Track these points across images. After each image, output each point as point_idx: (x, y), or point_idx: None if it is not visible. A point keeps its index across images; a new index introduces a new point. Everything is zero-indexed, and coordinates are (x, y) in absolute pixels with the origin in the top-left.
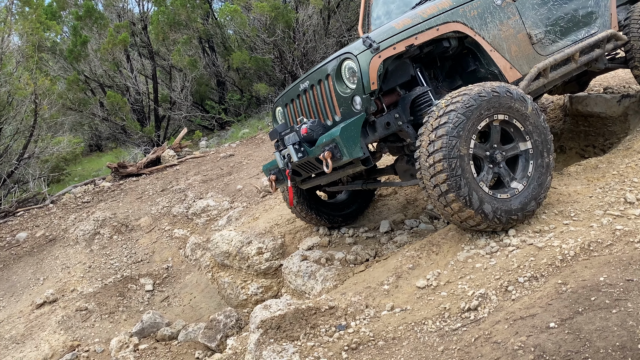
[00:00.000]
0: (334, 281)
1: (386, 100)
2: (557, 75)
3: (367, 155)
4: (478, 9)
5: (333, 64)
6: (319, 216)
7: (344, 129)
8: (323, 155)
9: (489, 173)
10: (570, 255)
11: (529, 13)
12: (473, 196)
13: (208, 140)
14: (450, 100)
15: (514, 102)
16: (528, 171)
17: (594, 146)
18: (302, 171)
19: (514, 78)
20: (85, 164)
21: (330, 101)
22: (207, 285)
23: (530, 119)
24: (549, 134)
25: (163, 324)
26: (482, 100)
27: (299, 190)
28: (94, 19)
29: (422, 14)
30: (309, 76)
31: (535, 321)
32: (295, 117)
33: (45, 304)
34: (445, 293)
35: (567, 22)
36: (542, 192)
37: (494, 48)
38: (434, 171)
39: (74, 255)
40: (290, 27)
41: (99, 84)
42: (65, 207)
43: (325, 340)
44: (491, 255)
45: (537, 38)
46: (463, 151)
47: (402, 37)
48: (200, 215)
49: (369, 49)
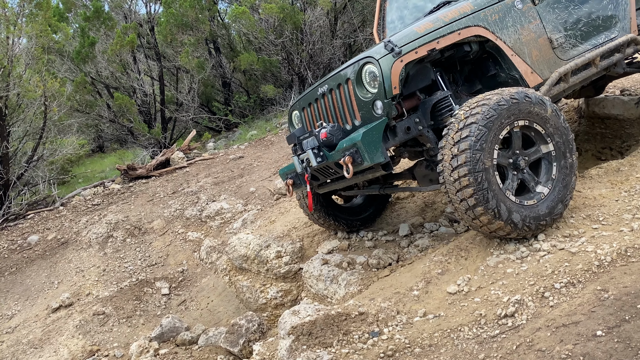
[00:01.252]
0: (358, 286)
1: (406, 104)
2: (578, 80)
3: (387, 160)
4: (499, 12)
5: (353, 68)
6: (337, 221)
7: (365, 134)
8: (344, 160)
9: (513, 180)
10: (607, 260)
11: (549, 17)
12: (501, 207)
13: (216, 142)
14: (470, 112)
15: (533, 107)
16: (552, 174)
17: (610, 148)
18: (320, 176)
19: (535, 83)
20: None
21: (350, 105)
22: (225, 288)
23: (551, 121)
24: (570, 134)
25: (182, 329)
26: (502, 109)
27: (316, 197)
28: (101, 20)
29: (443, 18)
30: (327, 80)
31: (580, 329)
32: (313, 121)
33: (61, 307)
34: (478, 299)
35: (587, 26)
36: (568, 194)
37: (515, 52)
38: (459, 185)
39: (88, 258)
40: (298, 29)
41: (105, 86)
42: (75, 209)
43: (359, 347)
44: (522, 260)
45: (557, 42)
46: (487, 163)
47: (424, 41)
48: (214, 218)
49: (390, 53)
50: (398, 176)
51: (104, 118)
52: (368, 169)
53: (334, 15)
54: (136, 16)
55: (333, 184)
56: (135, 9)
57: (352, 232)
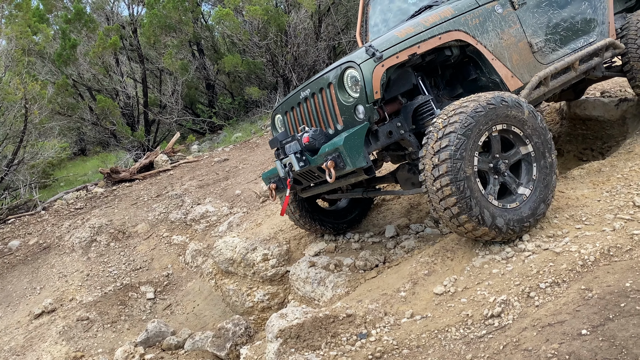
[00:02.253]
0: (345, 287)
1: (388, 108)
2: (558, 84)
3: (370, 164)
4: (480, 17)
5: (335, 72)
6: (324, 226)
7: (347, 138)
8: (326, 165)
9: (495, 184)
10: (591, 260)
11: (529, 21)
12: (485, 214)
13: (200, 145)
14: (448, 120)
15: (510, 110)
16: (533, 174)
17: (592, 149)
18: (303, 180)
19: (515, 87)
20: (70, 168)
21: (332, 110)
22: (211, 292)
23: (528, 122)
24: (548, 134)
25: (168, 333)
26: (480, 116)
27: (301, 203)
28: (83, 22)
29: (424, 23)
30: (309, 84)
31: (565, 328)
32: (296, 125)
33: (43, 313)
34: (465, 299)
35: (566, 31)
36: (549, 193)
37: (496, 57)
38: (442, 195)
39: (71, 263)
40: (282, 31)
41: (88, 88)
42: (57, 213)
43: (347, 349)
44: (507, 260)
45: (537, 46)
46: (468, 171)
47: (405, 45)
48: (200, 221)
49: (372, 58)
50: (381, 179)
51: (86, 121)
52: (350, 173)
53: (318, 17)
54: (118, 18)
55: (316, 187)
56: (118, 11)
57: (339, 235)
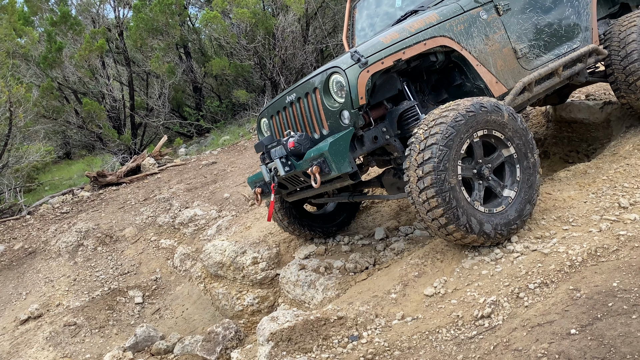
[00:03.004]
0: (336, 290)
1: (373, 114)
2: (542, 90)
3: (355, 169)
4: (465, 23)
5: (321, 77)
6: (313, 230)
7: (332, 144)
8: (311, 170)
9: (480, 190)
10: (578, 261)
11: (514, 27)
12: (472, 221)
13: (187, 148)
14: (429, 132)
15: (490, 115)
16: (516, 176)
17: (577, 152)
18: (289, 184)
19: (499, 92)
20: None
21: (318, 115)
22: (200, 296)
23: (509, 125)
24: (529, 134)
25: (157, 338)
26: (460, 125)
27: (289, 210)
28: (69, 25)
29: (409, 28)
30: (295, 88)
31: (555, 328)
32: (282, 129)
33: (30, 319)
34: (455, 301)
35: (550, 37)
36: (534, 193)
37: (480, 62)
38: (429, 207)
39: (57, 268)
40: (270, 34)
41: (73, 92)
42: (43, 218)
43: (339, 351)
44: (496, 262)
45: (522, 52)
46: (453, 181)
47: (390, 51)
48: (188, 225)
49: (357, 64)
50: (367, 184)
51: (71, 124)
52: (336, 178)
53: (306, 21)
54: (104, 20)
55: (302, 192)
56: (104, 14)
57: (329, 237)
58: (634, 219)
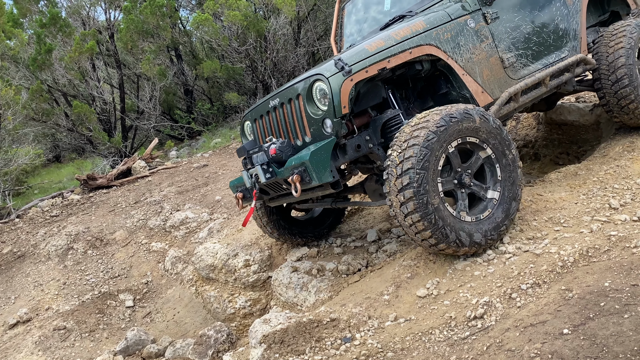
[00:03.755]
0: (328, 292)
1: (357, 121)
2: (528, 100)
3: (336, 179)
4: (452, 31)
5: (304, 84)
6: (304, 237)
7: (314, 153)
8: (292, 179)
9: (464, 199)
10: (570, 261)
11: (502, 36)
12: (461, 235)
13: (179, 151)
14: (403, 155)
15: (461, 123)
16: (497, 175)
17: (567, 153)
18: (270, 190)
19: (485, 102)
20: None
21: (301, 121)
22: (191, 299)
23: (481, 128)
24: (503, 132)
25: (148, 341)
26: (433, 143)
27: (278, 223)
28: (58, 27)
29: (395, 36)
30: (279, 93)
31: (547, 328)
32: (265, 133)
33: (18, 323)
34: (448, 302)
35: (538, 46)
36: (518, 189)
37: (466, 72)
38: (416, 230)
39: (47, 271)
40: (261, 37)
41: (63, 94)
42: (32, 221)
43: (332, 353)
44: (488, 263)
45: (509, 62)
46: (436, 202)
47: (374, 60)
48: (179, 228)
49: (340, 72)
50: (351, 189)
51: (61, 127)
52: (317, 187)
53: (298, 23)
54: (95, 23)
55: (284, 198)
56: (94, 16)
57: (321, 239)
58: (624, 220)
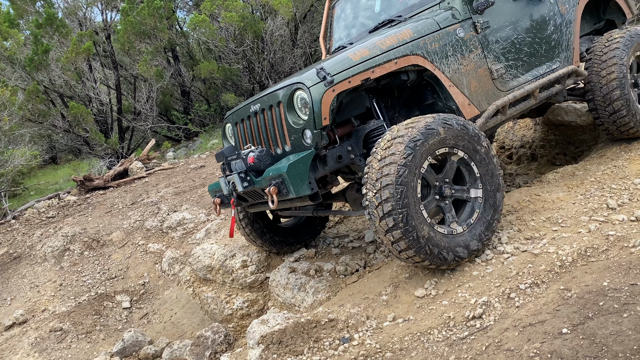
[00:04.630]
0: (326, 293)
1: (339, 131)
2: (516, 112)
3: (315, 191)
4: (440, 41)
5: (285, 92)
6: (288, 244)
7: (291, 166)
8: (269, 190)
9: (450, 210)
10: (569, 261)
11: (492, 46)
12: (459, 251)
13: (176, 152)
14: (381, 185)
15: (427, 142)
16: (475, 173)
17: (564, 154)
18: (249, 198)
19: (471, 115)
20: (40, 177)
21: (281, 130)
22: (188, 300)
23: (447, 136)
24: (469, 128)
25: (145, 342)
26: (409, 163)
27: (262, 231)
28: (55, 27)
29: (380, 45)
30: (260, 99)
31: (546, 327)
32: (245, 138)
33: (14, 325)
34: (446, 302)
35: (529, 57)
36: (498, 179)
37: (453, 83)
38: (413, 262)
39: (43, 273)
40: (258, 38)
41: (59, 95)
42: (28, 222)
43: (330, 353)
44: (487, 263)
45: (498, 73)
46: (425, 232)
47: (358, 70)
48: (176, 229)
49: (322, 82)
50: (332, 197)
51: (58, 128)
52: (296, 198)
53: (295, 24)
54: (91, 23)
55: (263, 205)
56: (91, 16)
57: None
58: (622, 220)
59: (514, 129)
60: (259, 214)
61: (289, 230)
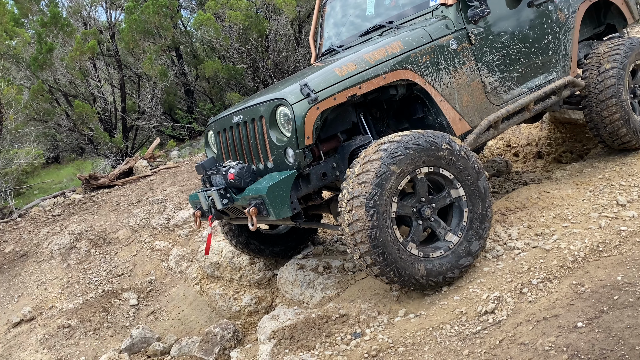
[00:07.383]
0: (335, 289)
1: (324, 146)
2: (508, 126)
3: (297, 211)
4: (431, 54)
5: (267, 107)
6: (275, 254)
7: (272, 188)
8: (248, 211)
9: (439, 224)
10: (581, 256)
11: (486, 58)
12: (438, 278)
13: (180, 150)
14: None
15: (400, 163)
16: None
17: (571, 152)
18: (230, 212)
19: (462, 131)
20: (44, 176)
21: (263, 146)
22: (196, 297)
23: (422, 151)
24: (440, 141)
25: (154, 339)
26: (379, 205)
27: (247, 241)
28: (59, 26)
29: (368, 59)
30: (242, 110)
31: (561, 321)
32: (227, 149)
33: (22, 322)
34: (458, 297)
35: (525, 68)
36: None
37: (444, 98)
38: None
39: (50, 270)
40: (263, 37)
41: (64, 94)
42: (34, 221)
43: (342, 348)
44: (498, 258)
45: (491, 87)
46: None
47: (344, 86)
48: (183, 227)
49: (306, 99)
50: (318, 207)
51: (62, 127)
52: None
53: (299, 24)
54: (96, 23)
55: (244, 220)
56: (95, 16)
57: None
58: (632, 216)
59: (520, 127)
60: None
61: (276, 237)
